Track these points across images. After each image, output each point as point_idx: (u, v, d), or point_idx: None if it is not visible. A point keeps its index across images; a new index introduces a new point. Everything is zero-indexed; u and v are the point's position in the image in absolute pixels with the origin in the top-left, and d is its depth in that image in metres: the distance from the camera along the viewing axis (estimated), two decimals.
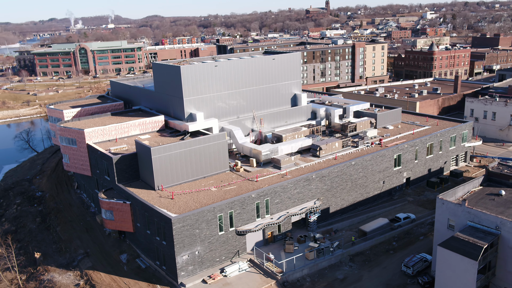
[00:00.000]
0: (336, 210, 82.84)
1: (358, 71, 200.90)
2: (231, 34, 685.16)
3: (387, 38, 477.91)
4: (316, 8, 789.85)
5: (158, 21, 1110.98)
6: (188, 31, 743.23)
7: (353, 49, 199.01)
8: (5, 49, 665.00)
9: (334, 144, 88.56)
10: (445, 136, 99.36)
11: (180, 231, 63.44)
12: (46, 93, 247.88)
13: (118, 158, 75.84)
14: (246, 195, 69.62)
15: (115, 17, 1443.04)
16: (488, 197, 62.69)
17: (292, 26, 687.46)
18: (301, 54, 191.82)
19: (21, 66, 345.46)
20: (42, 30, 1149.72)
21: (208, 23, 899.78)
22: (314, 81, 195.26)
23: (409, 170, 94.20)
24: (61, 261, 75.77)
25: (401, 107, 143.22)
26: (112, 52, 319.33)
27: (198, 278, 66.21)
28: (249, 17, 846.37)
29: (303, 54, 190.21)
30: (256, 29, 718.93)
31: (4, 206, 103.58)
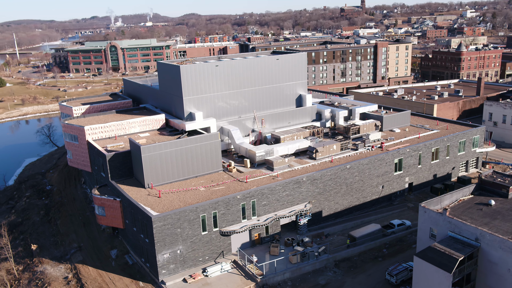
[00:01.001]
0: (329, 214, 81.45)
1: (380, 71, 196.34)
2: (264, 32, 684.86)
3: (422, 37, 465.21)
4: (351, 6, 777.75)
5: (195, 19, 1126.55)
6: (221, 29, 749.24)
7: (375, 49, 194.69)
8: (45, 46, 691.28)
9: (332, 146, 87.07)
10: (452, 140, 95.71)
11: (161, 230, 64.13)
12: (76, 89, 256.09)
13: (112, 155, 77.41)
14: (231, 196, 69.54)
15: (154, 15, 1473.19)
16: (477, 206, 60.01)
17: (326, 25, 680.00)
18: (320, 54, 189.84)
19: (56, 62, 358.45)
20: (83, 28, 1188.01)
21: (243, 21, 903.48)
22: (334, 81, 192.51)
23: (411, 175, 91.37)
24: (56, 254, 78.21)
25: (417, 110, 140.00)
26: (141, 50, 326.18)
27: (179, 277, 66.76)
28: (283, 16, 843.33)
29: (323, 54, 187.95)
30: (289, 27, 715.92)
31: (16, 198, 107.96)
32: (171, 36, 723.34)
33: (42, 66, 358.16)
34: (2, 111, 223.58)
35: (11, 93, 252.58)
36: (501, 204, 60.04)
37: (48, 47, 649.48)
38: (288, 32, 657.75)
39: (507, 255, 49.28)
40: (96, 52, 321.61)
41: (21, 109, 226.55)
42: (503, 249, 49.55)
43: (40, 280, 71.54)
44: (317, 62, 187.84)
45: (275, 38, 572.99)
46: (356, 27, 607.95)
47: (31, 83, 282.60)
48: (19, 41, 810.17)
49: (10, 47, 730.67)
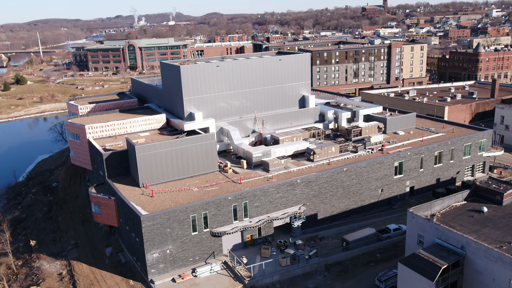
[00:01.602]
0: (325, 216, 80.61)
1: (394, 72, 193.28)
2: (284, 32, 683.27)
3: (444, 37, 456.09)
4: (373, 5, 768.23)
5: (216, 18, 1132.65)
6: (241, 29, 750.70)
7: (389, 49, 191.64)
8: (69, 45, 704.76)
9: (330, 148, 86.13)
10: (457, 144, 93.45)
11: (150, 229, 64.59)
12: (93, 88, 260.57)
13: (109, 154, 78.36)
14: (222, 197, 69.53)
15: (177, 14, 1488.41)
16: (468, 213, 58.42)
17: (347, 24, 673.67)
18: (332, 54, 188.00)
19: (76, 61, 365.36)
20: (108, 27, 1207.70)
21: (264, 20, 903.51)
22: (346, 82, 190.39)
23: (413, 179, 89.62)
24: (53, 250, 79.70)
25: (427, 112, 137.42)
26: (159, 49, 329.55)
27: (168, 276, 67.14)
28: (304, 15, 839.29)
29: (335, 54, 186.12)
30: (310, 27, 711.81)
31: (23, 194, 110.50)
32: (192, 35, 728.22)
33: (62, 64, 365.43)
34: (21, 108, 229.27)
35: (30, 90, 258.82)
36: (494, 211, 58.29)
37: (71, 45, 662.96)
38: (308, 32, 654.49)
39: (492, 265, 47.80)
40: (114, 51, 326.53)
41: (39, 107, 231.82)
42: (488, 258, 48.08)
43: (36, 275, 73.05)
44: (329, 63, 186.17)
45: (295, 37, 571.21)
46: (377, 26, 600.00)
47: (50, 81, 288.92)
48: (44, 40, 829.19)
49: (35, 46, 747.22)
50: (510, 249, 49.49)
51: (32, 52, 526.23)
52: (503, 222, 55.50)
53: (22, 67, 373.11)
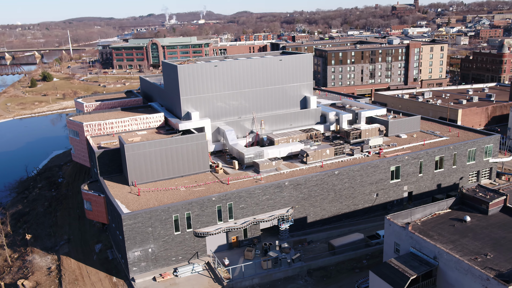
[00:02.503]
0: (315, 220, 79.32)
1: (411, 73, 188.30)
2: (311, 31, 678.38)
3: (475, 37, 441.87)
4: (403, 4, 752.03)
5: (246, 17, 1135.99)
6: (269, 28, 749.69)
7: (407, 49, 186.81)
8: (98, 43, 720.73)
9: (324, 151, 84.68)
10: (460, 149, 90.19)
11: (131, 228, 65.15)
12: (114, 85, 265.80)
13: (101, 152, 79.52)
14: (206, 198, 69.42)
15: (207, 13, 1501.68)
16: (450, 222, 56.20)
17: (375, 23, 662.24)
18: (348, 54, 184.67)
19: (103, 59, 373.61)
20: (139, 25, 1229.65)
21: (292, 19, 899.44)
22: (362, 82, 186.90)
23: (411, 184, 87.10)
24: (47, 245, 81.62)
25: (441, 115, 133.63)
26: (181, 48, 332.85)
27: (150, 275, 67.59)
28: (332, 14, 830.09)
29: (350, 54, 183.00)
30: (338, 26, 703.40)
31: (30, 188, 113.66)
32: (219, 33, 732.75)
33: (89, 62, 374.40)
34: (44, 104, 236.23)
35: (55, 87, 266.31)
36: (477, 221, 55.85)
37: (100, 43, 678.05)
38: (335, 31, 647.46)
39: (462, 277, 45.78)
40: (138, 49, 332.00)
41: (61, 103, 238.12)
42: (459, 270, 46.07)
43: (27, 268, 75.00)
44: (345, 63, 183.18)
45: (321, 36, 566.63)
46: (406, 26, 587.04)
47: (75, 79, 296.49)
48: (77, 38, 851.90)
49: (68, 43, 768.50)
50: (485, 261, 47.33)
51: (64, 50, 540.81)
52: (485, 233, 53.10)
53: (51, 65, 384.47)
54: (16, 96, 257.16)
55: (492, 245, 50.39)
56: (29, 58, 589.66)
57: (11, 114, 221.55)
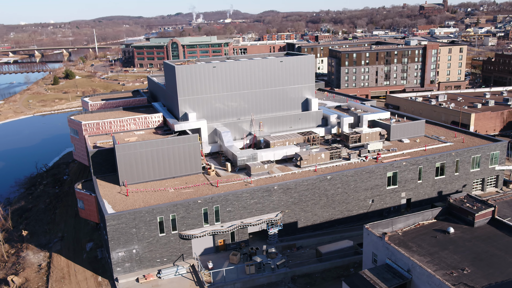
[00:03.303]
0: (306, 225, 77.90)
1: (428, 75, 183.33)
2: (335, 30, 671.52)
3: (504, 38, 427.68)
4: (431, 4, 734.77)
5: (272, 16, 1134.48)
6: (293, 27, 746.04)
7: (424, 51, 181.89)
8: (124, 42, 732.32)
9: (319, 155, 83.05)
10: (463, 155, 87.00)
11: (114, 228, 65.40)
12: (133, 84, 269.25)
13: (95, 151, 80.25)
14: (191, 200, 69.07)
15: (234, 12, 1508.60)
16: (433, 233, 54.03)
17: (402, 23, 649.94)
18: (362, 55, 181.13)
19: (125, 57, 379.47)
20: (167, 24, 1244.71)
21: (318, 19, 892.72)
22: (377, 84, 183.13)
23: (409, 191, 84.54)
24: (42, 241, 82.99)
25: (453, 118, 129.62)
26: (201, 47, 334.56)
27: (134, 276, 67.75)
28: (359, 13, 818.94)
29: (365, 55, 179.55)
30: (363, 25, 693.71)
31: (37, 185, 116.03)
32: (244, 33, 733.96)
33: (111, 60, 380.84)
34: (64, 101, 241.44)
35: (76, 85, 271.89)
36: (461, 233, 53.48)
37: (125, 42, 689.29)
38: (360, 31, 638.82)
39: None
40: (158, 48, 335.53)
41: (80, 101, 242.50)
42: (431, 285, 44.12)
43: (20, 264, 76.39)
44: (359, 64, 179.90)
45: (345, 36, 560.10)
46: (434, 26, 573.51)
47: (96, 77, 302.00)
48: (105, 36, 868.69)
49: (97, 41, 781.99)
50: (460, 277, 45.20)
51: (91, 48, 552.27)
52: (467, 246, 50.77)
53: (75, 63, 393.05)
54: (38, 93, 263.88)
55: (472, 259, 48.12)
56: (57, 56, 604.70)
57: (31, 110, 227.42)
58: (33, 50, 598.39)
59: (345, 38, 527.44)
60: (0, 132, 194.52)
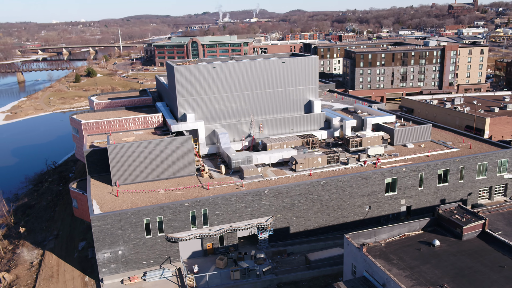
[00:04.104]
0: (298, 231, 76.04)
1: (447, 77, 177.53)
2: (361, 30, 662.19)
3: None
4: (461, 3, 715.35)
5: (298, 15, 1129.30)
6: (317, 27, 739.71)
7: (443, 52, 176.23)
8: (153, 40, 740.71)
9: (316, 159, 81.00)
10: (468, 162, 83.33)
11: (100, 229, 65.21)
12: (151, 82, 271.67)
13: (90, 151, 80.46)
14: (178, 203, 68.25)
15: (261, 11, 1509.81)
16: (418, 245, 51.47)
17: (429, 23, 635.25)
18: (377, 55, 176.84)
19: (147, 56, 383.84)
20: (194, 23, 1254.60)
21: (344, 18, 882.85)
22: (393, 86, 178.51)
23: (409, 198, 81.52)
24: (38, 239, 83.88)
25: (468, 123, 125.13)
26: (220, 46, 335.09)
27: (119, 277, 67.46)
28: (385, 13, 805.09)
29: (380, 56, 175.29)
30: (389, 25, 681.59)
31: (43, 182, 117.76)
32: (268, 32, 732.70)
33: (132, 59, 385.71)
34: (83, 99, 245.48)
35: (95, 83, 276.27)
36: (447, 246, 50.73)
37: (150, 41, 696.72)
38: (386, 31, 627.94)
39: None
40: (178, 47, 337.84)
41: None
42: None
43: (13, 261, 77.32)
44: (374, 65, 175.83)
45: (370, 36, 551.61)
46: (462, 26, 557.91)
47: (117, 75, 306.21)
48: (132, 35, 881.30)
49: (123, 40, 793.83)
50: None
51: (116, 47, 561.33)
52: (451, 260, 48.07)
53: (98, 61, 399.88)
54: (60, 91, 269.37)
55: (454, 275, 45.48)
56: (84, 54, 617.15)
57: (51, 108, 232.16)
58: (61, 48, 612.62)
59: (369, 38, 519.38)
60: (18, 128, 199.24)
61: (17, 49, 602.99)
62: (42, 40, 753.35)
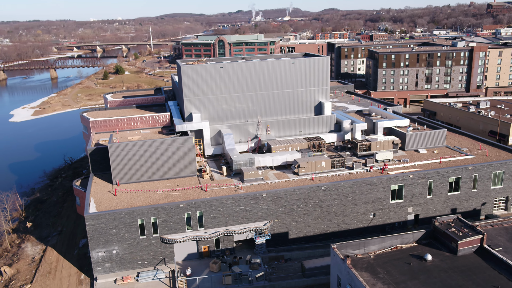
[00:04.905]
0: (298, 236, 74.04)
1: (475, 79, 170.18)
2: (394, 29, 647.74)
3: None
4: (500, 2, 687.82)
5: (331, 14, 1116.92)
6: (349, 26, 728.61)
7: (471, 53, 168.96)
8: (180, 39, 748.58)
9: (319, 162, 78.66)
10: (482, 170, 79.05)
11: (94, 228, 65.35)
12: None
13: (93, 149, 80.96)
14: (173, 204, 67.61)
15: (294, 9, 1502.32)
16: (408, 259, 48.74)
17: (466, 23, 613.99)
18: (401, 56, 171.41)
19: (175, 54, 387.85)
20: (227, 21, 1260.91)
21: (378, 17, 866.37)
22: (417, 88, 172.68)
23: (417, 206, 78.07)
24: (43, 234, 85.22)
25: (492, 128, 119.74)
26: (247, 45, 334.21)
27: (113, 276, 67.50)
28: (420, 12, 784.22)
29: (404, 57, 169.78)
30: (424, 24, 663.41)
31: (58, 177, 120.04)
32: (299, 31, 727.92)
33: (160, 57, 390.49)
34: None
35: (122, 80, 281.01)
36: (440, 261, 47.75)
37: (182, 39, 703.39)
38: (420, 30, 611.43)
39: None
40: (205, 45, 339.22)
41: None
42: None
43: (17, 256, 78.79)
44: (397, 66, 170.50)
45: (402, 36, 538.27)
46: (501, 25, 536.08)
47: (144, 73, 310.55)
48: (165, 33, 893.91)
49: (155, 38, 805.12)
50: None
51: (148, 45, 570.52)
52: (440, 277, 45.16)
53: (128, 59, 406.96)
54: (88, 88, 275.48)
55: None
56: (118, 51, 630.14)
57: (78, 104, 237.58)
58: (95, 46, 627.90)
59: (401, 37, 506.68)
60: (44, 124, 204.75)
61: (54, 46, 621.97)
62: (78, 37, 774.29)
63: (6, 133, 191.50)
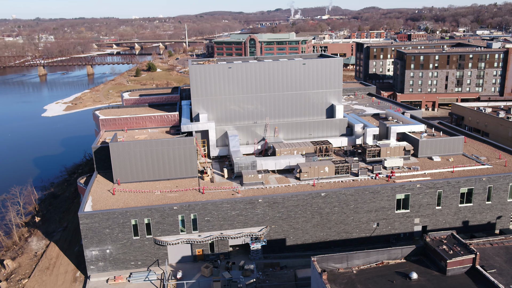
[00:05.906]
0: (296, 244, 71.85)
1: (510, 82, 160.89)
2: (434, 29, 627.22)
3: None
4: None
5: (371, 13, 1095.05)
6: (389, 25, 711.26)
7: (506, 55, 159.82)
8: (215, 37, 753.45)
9: (322, 168, 76.04)
10: (497, 182, 74.14)
11: (87, 227, 65.69)
12: None
13: (97, 148, 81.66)
14: (167, 206, 67.01)
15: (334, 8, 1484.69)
16: (393, 276, 45.79)
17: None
18: (430, 57, 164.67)
19: (208, 52, 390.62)
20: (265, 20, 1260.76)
21: (419, 16, 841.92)
22: (446, 90, 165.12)
23: (424, 217, 74.12)
24: (49, 229, 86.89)
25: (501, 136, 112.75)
26: (278, 44, 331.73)
27: (106, 276, 67.75)
28: (463, 11, 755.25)
29: (433, 58, 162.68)
30: (467, 24, 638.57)
31: (75, 173, 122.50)
32: (337, 29, 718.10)
33: (192, 55, 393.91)
34: None
35: (152, 78, 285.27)
36: (426, 281, 44.55)
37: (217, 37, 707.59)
38: (462, 30, 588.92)
39: None
40: (237, 44, 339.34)
41: None
42: None
43: (22, 249, 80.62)
44: (426, 67, 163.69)
45: (442, 35, 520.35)
46: None
47: (175, 70, 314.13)
48: (202, 31, 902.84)
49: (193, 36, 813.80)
50: None
51: (184, 42, 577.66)
52: None
53: (163, 56, 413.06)
54: (120, 84, 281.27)
55: None
56: (155, 49, 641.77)
57: (108, 100, 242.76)
58: (133, 43, 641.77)
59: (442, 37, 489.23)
60: (73, 119, 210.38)
61: (94, 43, 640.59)
62: (119, 35, 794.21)
63: (37, 127, 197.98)
